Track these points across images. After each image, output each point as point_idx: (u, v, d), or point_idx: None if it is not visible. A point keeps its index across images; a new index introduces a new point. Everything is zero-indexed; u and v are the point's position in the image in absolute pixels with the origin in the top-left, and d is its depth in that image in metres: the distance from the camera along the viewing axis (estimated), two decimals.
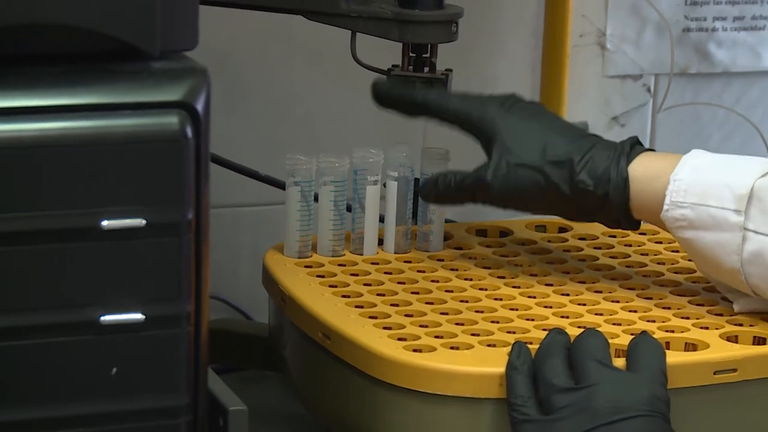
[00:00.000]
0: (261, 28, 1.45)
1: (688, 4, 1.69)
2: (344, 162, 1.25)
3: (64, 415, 0.93)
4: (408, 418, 1.07)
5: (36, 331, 0.91)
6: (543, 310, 1.16)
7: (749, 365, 1.09)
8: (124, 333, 0.92)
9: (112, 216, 0.91)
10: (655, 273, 1.24)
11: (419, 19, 1.23)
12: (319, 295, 1.17)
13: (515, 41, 1.64)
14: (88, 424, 0.94)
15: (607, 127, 1.70)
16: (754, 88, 1.72)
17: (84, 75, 0.92)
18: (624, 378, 1.03)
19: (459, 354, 1.08)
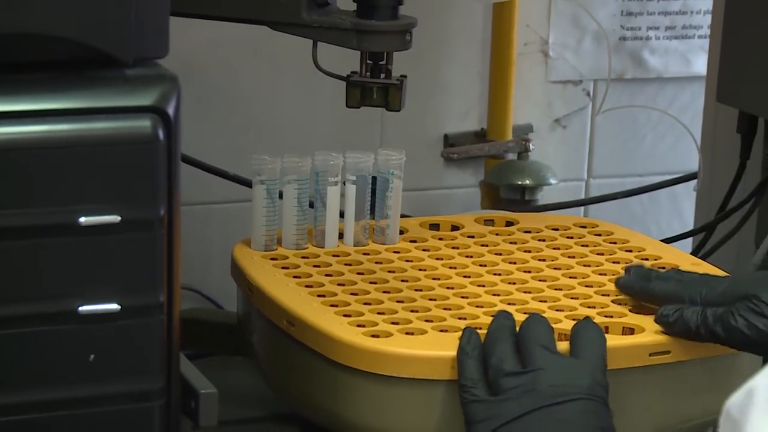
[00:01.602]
0: (229, 37, 1.44)
1: (624, 14, 1.70)
2: (307, 162, 1.24)
3: (45, 399, 0.92)
4: (366, 399, 1.06)
5: (17, 321, 0.91)
6: (491, 298, 1.16)
7: (681, 347, 1.09)
8: (101, 322, 0.92)
9: (89, 213, 0.90)
10: (594, 263, 1.24)
11: (376, 29, 1.23)
12: (284, 285, 1.17)
13: (465, 50, 1.65)
14: (68, 407, 0.93)
15: (550, 128, 1.71)
16: (685, 92, 1.72)
17: (63, 81, 0.92)
18: (567, 363, 1.03)
19: (414, 339, 1.07)
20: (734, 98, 1.36)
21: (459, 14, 1.64)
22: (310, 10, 1.22)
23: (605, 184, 1.71)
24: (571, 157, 1.72)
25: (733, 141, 1.39)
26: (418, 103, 1.58)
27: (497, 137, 1.67)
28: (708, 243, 1.42)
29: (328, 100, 1.27)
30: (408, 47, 1.25)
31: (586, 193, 1.73)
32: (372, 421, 1.07)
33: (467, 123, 1.68)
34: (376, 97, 1.25)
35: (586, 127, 1.72)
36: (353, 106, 1.26)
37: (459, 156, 1.67)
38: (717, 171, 1.45)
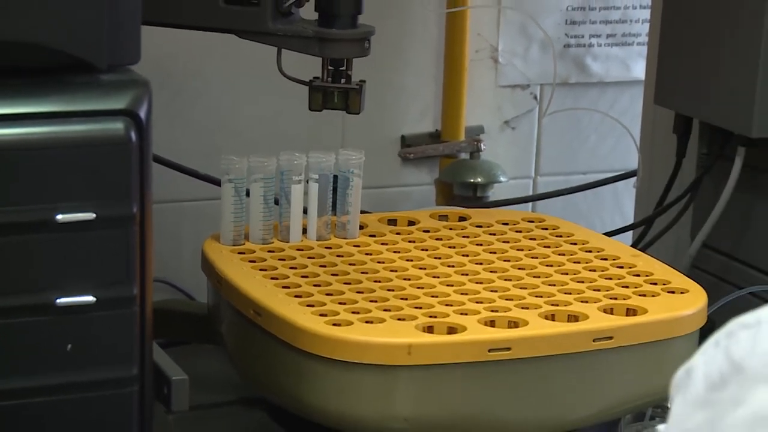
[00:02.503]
0: (200, 45, 1.43)
1: (568, 23, 1.70)
2: (272, 162, 1.24)
3: (27, 386, 0.92)
4: (328, 383, 1.06)
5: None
6: (446, 288, 1.15)
7: (623, 333, 1.09)
8: (78, 314, 0.91)
9: (65, 210, 0.90)
10: (542, 255, 1.24)
11: (336, 37, 1.23)
12: (251, 277, 1.16)
13: (420, 56, 1.65)
14: (46, 394, 0.93)
15: (499, 130, 1.71)
16: (625, 95, 1.73)
17: (42, 86, 0.92)
18: None
19: (372, 327, 1.07)
20: (671, 101, 1.37)
21: (415, 23, 1.64)
22: (275, 19, 1.22)
23: (552, 182, 1.72)
24: (520, 156, 1.73)
25: (670, 141, 1.39)
26: (377, 107, 1.58)
27: (451, 138, 1.67)
28: (647, 236, 1.42)
29: (292, 103, 1.27)
30: (366, 54, 1.24)
31: (533, 190, 1.73)
32: (334, 405, 1.06)
33: (423, 125, 1.68)
34: (337, 100, 1.25)
35: (533, 129, 1.73)
36: (316, 110, 1.25)
37: (415, 156, 1.67)
38: (655, 169, 1.45)
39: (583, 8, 1.70)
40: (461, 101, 1.66)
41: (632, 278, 1.18)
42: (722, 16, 1.28)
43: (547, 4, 1.69)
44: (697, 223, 1.36)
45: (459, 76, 1.65)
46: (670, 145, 1.40)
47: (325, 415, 1.07)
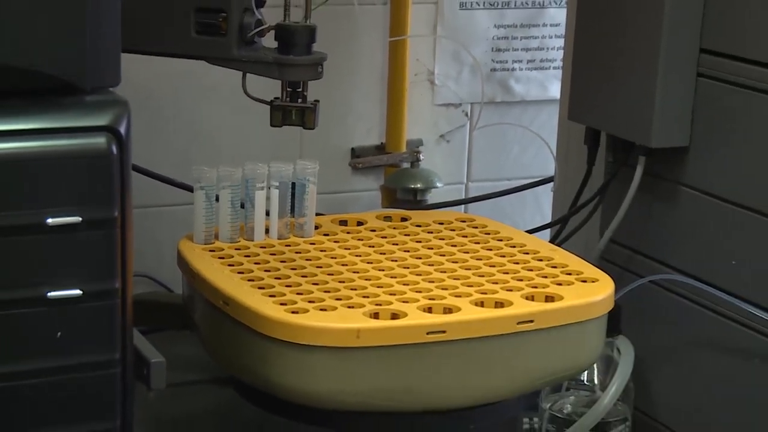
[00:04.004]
0: (175, 70, 1.42)
1: (494, 51, 1.71)
2: (238, 171, 1.23)
3: (22, 370, 0.90)
4: (288, 364, 1.04)
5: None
6: (390, 280, 1.14)
7: (543, 317, 1.09)
8: (66, 305, 0.89)
9: (55, 215, 0.88)
10: (472, 250, 1.23)
11: (294, 62, 1.22)
12: (220, 272, 1.14)
13: (367, 79, 1.65)
14: (40, 376, 0.90)
15: (436, 142, 1.71)
16: (544, 112, 1.73)
17: (32, 106, 0.90)
18: None
19: (326, 314, 1.06)
20: (582, 117, 1.37)
21: (362, 50, 1.64)
22: (239, 48, 1.20)
23: (481, 187, 1.72)
24: (454, 165, 1.73)
25: (582, 151, 1.39)
26: (330, 123, 1.59)
27: (394, 150, 1.68)
28: (563, 233, 1.42)
29: (255, 120, 1.26)
30: (320, 77, 1.24)
31: (465, 194, 1.73)
32: (293, 382, 1.05)
33: (370, 138, 1.68)
34: (295, 118, 1.24)
35: (465, 141, 1.73)
36: (276, 126, 1.24)
37: (363, 165, 1.67)
38: (569, 175, 1.45)
39: (506, 38, 1.71)
40: (403, 118, 1.66)
41: (550, 269, 1.18)
42: (624, 43, 1.28)
43: (476, 34, 1.70)
44: (605, 221, 1.36)
45: (400, 96, 1.65)
46: (581, 154, 1.40)
47: (286, 391, 1.06)
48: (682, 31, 1.24)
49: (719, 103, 1.23)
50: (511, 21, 1.71)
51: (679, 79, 1.25)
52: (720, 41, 1.22)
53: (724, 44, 1.22)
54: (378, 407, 1.06)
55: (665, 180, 1.30)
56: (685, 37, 1.24)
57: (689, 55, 1.24)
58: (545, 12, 1.72)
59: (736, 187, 1.22)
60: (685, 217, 1.28)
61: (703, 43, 1.24)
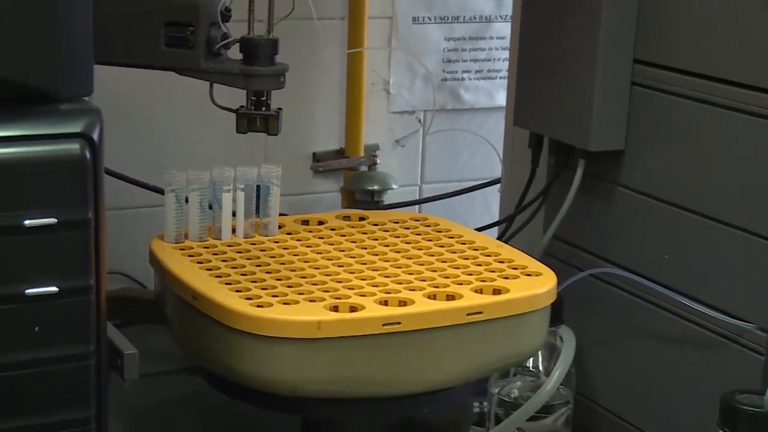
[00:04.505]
0: (148, 80, 1.40)
1: (445, 62, 1.71)
2: (206, 174, 1.22)
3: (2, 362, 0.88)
4: (253, 354, 1.03)
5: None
6: (348, 275, 1.13)
7: (491, 309, 1.08)
8: (43, 301, 0.88)
9: (32, 216, 0.86)
10: (425, 247, 1.22)
11: (258, 73, 1.20)
12: (190, 269, 1.13)
13: (327, 88, 1.64)
14: (20, 368, 0.89)
15: (391, 147, 1.71)
16: (491, 119, 1.73)
17: (9, 114, 0.88)
18: None
19: (289, 307, 1.05)
20: (526, 122, 1.37)
21: (322, 62, 1.63)
22: (207, 59, 1.19)
23: (434, 188, 1.72)
24: (408, 168, 1.73)
25: (526, 154, 1.39)
26: (293, 129, 1.58)
27: (352, 154, 1.67)
28: (509, 230, 1.42)
29: (222, 127, 1.25)
30: (282, 87, 1.23)
31: (419, 195, 1.73)
32: (258, 372, 1.04)
33: (330, 144, 1.67)
34: (259, 124, 1.23)
35: (418, 146, 1.73)
36: (242, 132, 1.23)
37: (324, 169, 1.67)
38: (515, 177, 1.45)
39: (456, 50, 1.71)
40: (360, 124, 1.66)
41: (497, 264, 1.17)
42: (564, 55, 1.28)
43: (428, 47, 1.70)
44: (548, 219, 1.36)
45: (358, 104, 1.65)
46: (526, 157, 1.40)
47: (251, 380, 1.05)
48: (618, 44, 1.24)
49: (652, 110, 1.23)
50: (460, 34, 1.71)
51: (615, 87, 1.25)
52: (652, 53, 1.23)
53: (655, 55, 1.22)
54: (337, 394, 1.05)
55: (603, 181, 1.30)
56: (620, 50, 1.24)
57: (624, 65, 1.25)
58: (492, 26, 1.72)
59: (668, 187, 1.22)
60: (622, 215, 1.28)
61: (637, 54, 1.24)
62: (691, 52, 1.18)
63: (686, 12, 1.18)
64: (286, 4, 1.23)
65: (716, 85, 1.15)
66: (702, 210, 1.18)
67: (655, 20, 1.22)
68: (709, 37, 1.16)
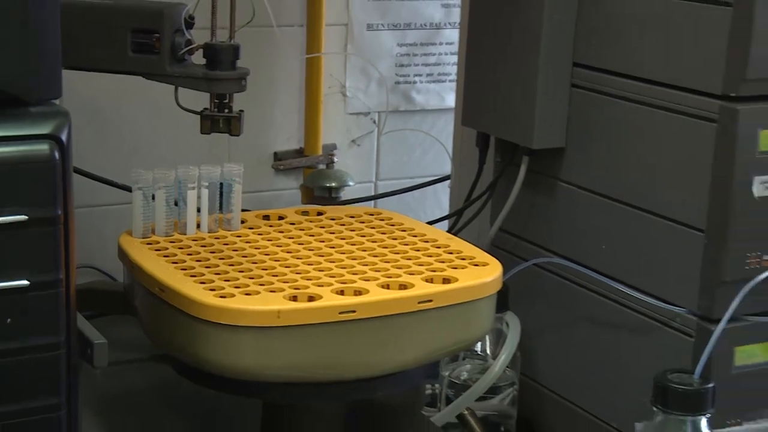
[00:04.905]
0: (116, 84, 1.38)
1: (398, 66, 1.71)
2: (172, 173, 1.20)
3: None
4: (217, 342, 1.03)
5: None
6: (307, 267, 1.13)
7: (441, 297, 1.08)
8: (15, 294, 0.86)
9: (3, 213, 0.85)
10: (379, 240, 1.22)
11: (220, 77, 1.20)
12: (156, 262, 1.12)
13: (286, 91, 1.63)
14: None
15: (348, 146, 1.70)
16: (441, 119, 1.73)
17: None
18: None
19: (250, 298, 1.04)
20: (473, 122, 1.37)
21: (282, 66, 1.62)
22: (171, 64, 1.18)
23: (388, 184, 1.71)
24: (364, 166, 1.72)
25: (474, 152, 1.39)
26: (254, 130, 1.58)
27: (311, 153, 1.67)
28: (458, 223, 1.42)
29: (187, 128, 1.24)
30: (244, 90, 1.22)
31: (374, 191, 1.73)
32: (222, 359, 1.03)
33: (290, 143, 1.66)
34: (222, 126, 1.22)
35: (373, 145, 1.73)
36: (206, 133, 1.22)
37: (284, 167, 1.66)
38: (463, 173, 1.45)
39: (408, 54, 1.71)
40: (318, 125, 1.65)
41: (447, 255, 1.17)
42: (508, 59, 1.28)
43: (382, 52, 1.70)
44: (494, 212, 1.36)
45: (316, 106, 1.65)
46: (473, 155, 1.40)
47: (215, 367, 1.04)
48: (558, 50, 1.24)
49: (589, 110, 1.24)
50: (411, 40, 1.71)
51: (556, 90, 1.25)
52: (589, 57, 1.23)
53: (592, 59, 1.23)
54: (297, 378, 1.05)
55: (545, 176, 1.30)
56: (560, 55, 1.25)
57: (564, 69, 1.25)
58: (441, 32, 1.72)
59: (605, 182, 1.23)
60: (563, 208, 1.28)
61: (575, 58, 1.25)
62: (625, 56, 1.19)
63: (620, 19, 1.19)
64: (247, 12, 1.23)
65: (647, 86, 1.16)
66: (636, 203, 1.19)
67: (592, 27, 1.22)
68: (641, 43, 1.17)
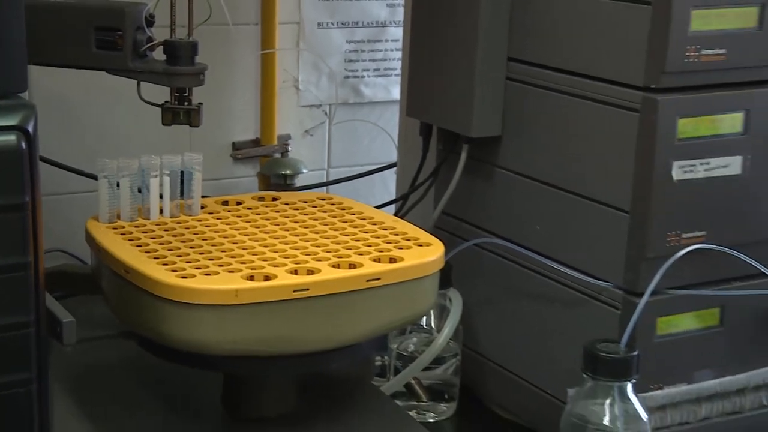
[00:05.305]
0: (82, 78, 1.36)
1: (347, 62, 1.70)
2: (135, 162, 1.19)
3: None
4: (179, 320, 1.02)
5: None
6: (263, 249, 1.12)
7: (388, 275, 1.08)
8: None
9: None
10: (331, 223, 1.22)
11: (180, 72, 1.18)
12: (122, 245, 1.11)
13: (243, 85, 1.62)
14: None
15: (302, 136, 1.70)
16: (388, 111, 1.73)
17: None
18: None
19: (209, 278, 1.03)
20: (417, 113, 1.37)
21: (239, 62, 1.60)
22: (134, 60, 1.17)
23: (339, 172, 1.71)
24: (316, 154, 1.71)
25: (418, 141, 1.39)
26: (214, 122, 1.57)
27: (267, 143, 1.66)
28: (404, 207, 1.42)
29: (150, 120, 1.23)
30: (202, 84, 1.21)
31: (326, 178, 1.72)
32: (183, 335, 1.02)
33: (247, 134, 1.65)
34: (183, 118, 1.21)
35: (325, 135, 1.72)
36: (167, 124, 1.21)
37: (242, 156, 1.65)
38: (408, 161, 1.45)
39: (356, 51, 1.71)
40: (274, 117, 1.64)
41: (393, 237, 1.17)
42: (448, 55, 1.28)
43: (332, 48, 1.69)
44: (437, 197, 1.36)
45: (271, 99, 1.64)
46: (418, 144, 1.40)
47: (177, 342, 1.03)
48: (493, 46, 1.24)
49: (523, 101, 1.24)
50: (359, 37, 1.70)
51: (492, 83, 1.25)
52: (522, 52, 1.24)
53: (525, 54, 1.23)
54: (254, 352, 1.04)
55: (484, 163, 1.31)
56: (496, 50, 1.25)
57: (499, 63, 1.25)
58: (387, 30, 1.72)
59: (538, 167, 1.23)
60: (500, 192, 1.29)
61: (510, 53, 1.25)
62: (555, 52, 1.19)
63: (550, 18, 1.19)
64: (205, 10, 1.22)
65: (576, 79, 1.16)
66: (566, 186, 1.20)
67: (525, 25, 1.23)
68: (569, 39, 1.17)
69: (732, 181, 1.13)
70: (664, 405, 1.15)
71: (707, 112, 1.10)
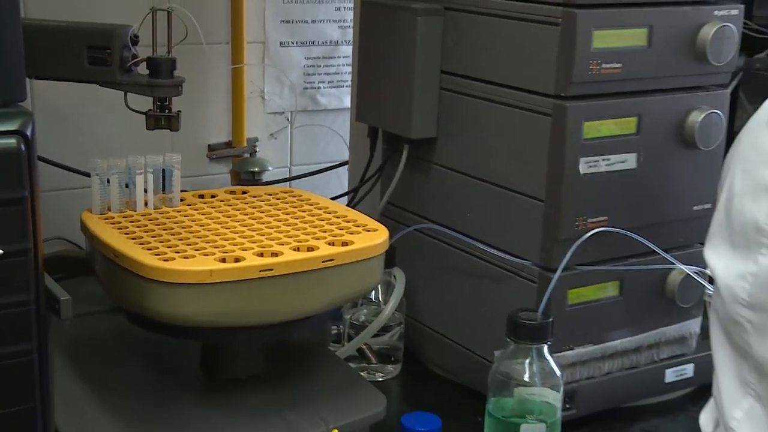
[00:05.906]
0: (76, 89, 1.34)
1: (306, 75, 1.69)
2: (123, 161, 1.17)
3: None
4: (162, 297, 1.00)
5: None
6: (233, 235, 1.11)
7: (341, 257, 1.07)
8: None
9: None
10: (292, 213, 1.20)
11: (161, 84, 1.17)
12: (112, 233, 1.09)
13: (216, 95, 1.61)
14: None
15: (268, 139, 1.69)
16: (340, 117, 1.73)
17: None
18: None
19: (187, 260, 1.02)
20: (365, 118, 1.36)
21: (212, 76, 1.59)
22: (121, 74, 1.15)
23: (300, 169, 1.70)
24: (280, 154, 1.70)
25: (366, 142, 1.39)
26: (191, 126, 1.55)
27: (238, 145, 1.64)
28: (355, 198, 1.41)
29: (135, 125, 1.22)
30: (180, 94, 1.20)
31: (289, 174, 1.71)
32: (166, 310, 1.01)
33: (221, 137, 1.64)
34: (164, 123, 1.19)
35: (287, 138, 1.71)
36: (150, 129, 1.19)
37: (216, 156, 1.63)
38: (358, 159, 1.45)
39: (314, 66, 1.70)
40: (243, 122, 1.63)
41: (345, 224, 1.16)
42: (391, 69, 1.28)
43: (293, 64, 1.68)
44: (383, 189, 1.36)
45: (241, 107, 1.62)
46: (366, 144, 1.39)
47: (160, 316, 1.02)
48: (429, 61, 1.24)
49: (454, 107, 1.24)
50: (316, 54, 1.70)
51: (429, 92, 1.25)
52: (453, 66, 1.24)
53: (456, 68, 1.23)
54: (227, 324, 1.03)
55: (422, 160, 1.30)
56: (431, 64, 1.25)
57: (434, 76, 1.25)
58: (339, 48, 1.71)
59: (468, 164, 1.23)
60: (436, 185, 1.29)
61: (443, 67, 1.25)
62: (480, 65, 1.19)
63: (475, 37, 1.19)
64: (182, 31, 1.20)
65: (498, 88, 1.17)
66: (492, 180, 1.20)
67: (455, 44, 1.23)
68: (491, 55, 1.17)
69: (628, 175, 1.14)
70: (575, 363, 1.17)
71: (608, 116, 1.12)
